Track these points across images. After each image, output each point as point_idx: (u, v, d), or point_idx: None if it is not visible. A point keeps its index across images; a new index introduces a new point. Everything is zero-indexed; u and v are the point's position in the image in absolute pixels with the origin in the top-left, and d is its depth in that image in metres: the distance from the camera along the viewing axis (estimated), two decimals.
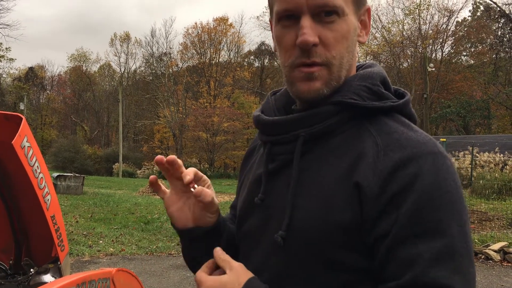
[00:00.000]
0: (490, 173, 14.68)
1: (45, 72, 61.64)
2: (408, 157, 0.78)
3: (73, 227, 9.56)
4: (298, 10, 0.83)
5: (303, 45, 0.82)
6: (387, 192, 0.77)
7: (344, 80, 0.87)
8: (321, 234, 0.81)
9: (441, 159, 0.79)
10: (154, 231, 9.51)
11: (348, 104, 0.85)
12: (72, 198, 14.83)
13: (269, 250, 0.88)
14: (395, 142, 0.81)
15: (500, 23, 35.68)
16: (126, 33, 56.73)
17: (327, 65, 0.84)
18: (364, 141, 0.83)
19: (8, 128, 2.24)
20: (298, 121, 0.87)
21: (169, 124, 44.67)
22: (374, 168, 0.79)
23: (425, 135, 0.83)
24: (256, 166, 1.00)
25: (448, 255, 0.74)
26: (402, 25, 38.66)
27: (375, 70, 0.91)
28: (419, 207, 0.75)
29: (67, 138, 46.80)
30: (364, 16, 0.91)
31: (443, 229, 0.74)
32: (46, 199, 2.32)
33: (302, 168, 0.86)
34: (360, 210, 0.79)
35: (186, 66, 50.44)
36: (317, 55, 0.83)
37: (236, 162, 46.84)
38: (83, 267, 6.57)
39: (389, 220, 0.76)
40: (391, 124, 0.85)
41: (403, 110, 0.89)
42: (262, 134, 0.95)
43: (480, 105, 32.71)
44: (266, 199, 0.91)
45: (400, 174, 0.77)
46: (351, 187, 0.80)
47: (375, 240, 0.78)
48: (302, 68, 0.84)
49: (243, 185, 1.05)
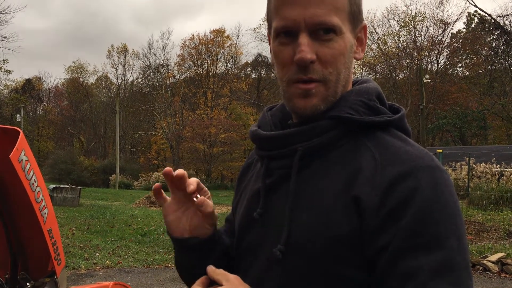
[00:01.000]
0: (487, 183, 14.69)
1: (42, 83, 61.72)
2: (406, 171, 0.78)
3: (69, 239, 9.50)
4: (296, 27, 0.84)
5: (301, 62, 0.83)
6: (386, 206, 0.78)
7: (340, 95, 0.89)
8: (320, 248, 0.81)
9: (438, 173, 0.80)
10: (151, 243, 9.45)
11: (345, 119, 0.86)
12: (69, 210, 14.75)
13: (267, 264, 0.88)
14: (392, 156, 0.82)
15: (495, 35, 36.05)
16: (123, 44, 56.98)
17: (324, 81, 0.85)
18: (361, 155, 0.84)
19: (6, 142, 2.24)
20: (296, 135, 0.88)
21: (166, 136, 44.68)
22: (373, 182, 0.80)
23: (422, 149, 0.84)
24: (253, 181, 1.00)
25: (448, 268, 0.74)
26: (397, 36, 39.03)
27: (370, 85, 0.92)
28: (418, 221, 0.76)
29: (64, 150, 46.75)
30: (360, 33, 0.92)
31: (443, 242, 0.75)
32: (43, 213, 2.32)
33: (300, 182, 0.87)
34: (359, 223, 0.79)
35: (183, 78, 50.61)
36: (314, 72, 0.84)
37: (233, 173, 46.77)
38: (79, 280, 6.52)
39: (389, 233, 0.77)
40: (388, 139, 0.86)
41: (399, 125, 0.90)
42: (259, 149, 0.96)
43: (476, 116, 32.89)
44: (264, 214, 0.91)
45: (399, 188, 0.77)
46: (349, 201, 0.81)
47: (375, 253, 0.78)
48: (299, 85, 0.85)
49: (240, 200, 1.05)
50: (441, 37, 38.49)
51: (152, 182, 33.10)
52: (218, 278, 0.85)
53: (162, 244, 9.36)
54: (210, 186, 36.53)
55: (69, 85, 60.57)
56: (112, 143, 50.59)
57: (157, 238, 9.95)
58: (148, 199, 18.32)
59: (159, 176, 34.08)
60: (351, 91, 0.90)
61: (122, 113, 47.32)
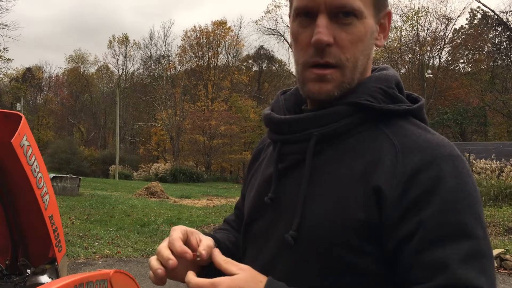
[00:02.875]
0: (486, 180, 14.70)
1: (43, 73, 61.51)
2: (428, 159, 0.77)
3: (69, 228, 9.51)
4: (315, 8, 0.82)
5: (317, 44, 0.81)
6: (409, 195, 0.76)
7: (357, 82, 0.86)
8: (333, 235, 0.80)
9: (461, 162, 0.79)
10: (150, 234, 9.47)
11: (364, 106, 0.84)
12: (68, 199, 14.77)
13: (278, 250, 0.86)
14: (413, 144, 0.80)
15: (497, 31, 35.90)
16: (124, 35, 56.71)
17: (340, 67, 0.83)
18: (380, 143, 0.83)
19: (7, 127, 2.22)
20: (311, 120, 0.86)
21: (166, 127, 44.62)
22: (394, 171, 0.78)
23: (442, 137, 0.83)
24: (265, 166, 0.98)
25: (475, 257, 0.74)
26: (400, 31, 38.82)
27: (390, 73, 0.90)
28: (444, 210, 0.75)
29: (64, 140, 46.64)
30: (384, 19, 0.90)
31: (469, 231, 0.75)
32: (44, 199, 2.30)
33: (314, 168, 0.85)
34: (378, 214, 0.78)
35: (184, 69, 50.46)
36: (331, 56, 0.83)
37: (233, 166, 46.78)
38: (78, 269, 6.53)
39: (413, 223, 0.76)
40: (407, 127, 0.84)
41: (417, 115, 0.88)
42: (273, 133, 0.94)
43: (477, 112, 32.82)
44: (276, 199, 0.89)
45: (422, 177, 0.76)
46: (369, 191, 0.79)
47: (397, 244, 0.77)
48: (314, 70, 0.84)
49: (250, 185, 1.03)
50: (443, 32, 38.33)
51: (152, 173, 33.12)
52: (228, 267, 0.79)
53: (161, 234, 9.38)
54: (210, 178, 36.58)
55: (70, 75, 60.38)
56: (112, 133, 50.55)
57: (156, 229, 9.97)
58: (147, 190, 18.32)
59: (159, 167, 34.11)
60: (370, 78, 0.88)
61: (122, 103, 47.26)
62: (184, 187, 26.42)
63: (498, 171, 16.13)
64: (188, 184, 30.13)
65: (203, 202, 16.89)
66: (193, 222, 11.09)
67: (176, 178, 32.04)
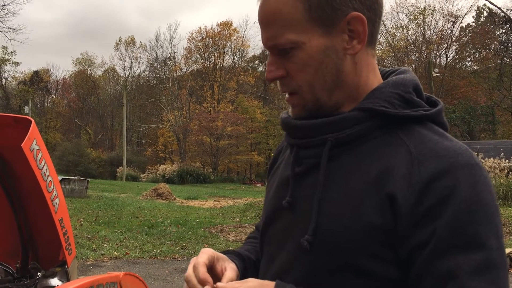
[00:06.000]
0: (495, 178, 14.59)
1: (50, 76, 61.89)
2: (445, 168, 0.76)
3: (78, 230, 9.56)
4: (266, 48, 0.89)
5: (267, 81, 0.89)
6: (424, 204, 0.76)
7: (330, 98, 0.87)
8: (348, 240, 0.80)
9: (478, 171, 0.78)
10: (158, 235, 9.49)
11: (378, 112, 0.84)
12: (76, 201, 14.84)
13: (294, 254, 0.87)
14: (429, 151, 0.79)
15: (504, 29, 35.67)
16: (131, 37, 57.04)
17: (297, 93, 0.88)
18: (395, 149, 0.82)
19: (18, 131, 2.23)
20: (326, 125, 0.86)
21: (172, 128, 44.77)
22: (409, 178, 0.78)
23: (461, 144, 0.81)
24: (282, 169, 0.99)
25: (487, 268, 0.73)
26: (406, 30, 38.71)
27: (407, 77, 0.89)
28: (458, 220, 0.74)
29: (71, 142, 47.01)
30: (350, 26, 0.84)
31: (482, 242, 0.74)
32: (54, 202, 2.32)
33: (329, 173, 0.85)
34: (393, 220, 0.78)
35: (190, 71, 50.64)
36: (285, 86, 0.89)
37: (239, 167, 46.85)
38: (87, 271, 6.56)
39: (426, 232, 0.75)
40: (424, 133, 0.83)
41: (436, 119, 0.87)
42: (290, 137, 0.95)
43: (485, 111, 32.64)
44: (293, 202, 0.90)
45: (437, 186, 0.75)
46: (384, 197, 0.79)
47: (410, 252, 0.77)
48: (286, 97, 0.92)
49: (269, 186, 1.04)
50: (450, 30, 38.15)
51: (159, 175, 33.22)
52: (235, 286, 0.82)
53: (169, 236, 9.40)
54: (216, 179, 36.63)
55: (77, 77, 60.77)
56: (119, 135, 50.80)
57: (164, 230, 9.99)
58: (154, 192, 18.36)
59: (166, 169, 34.21)
60: (386, 83, 0.87)
61: (129, 105, 47.43)
62: (191, 188, 26.47)
63: (507, 170, 16.00)
64: (195, 185, 30.19)
65: (210, 203, 16.91)
66: (200, 223, 11.11)
67: (183, 180, 32.11)
